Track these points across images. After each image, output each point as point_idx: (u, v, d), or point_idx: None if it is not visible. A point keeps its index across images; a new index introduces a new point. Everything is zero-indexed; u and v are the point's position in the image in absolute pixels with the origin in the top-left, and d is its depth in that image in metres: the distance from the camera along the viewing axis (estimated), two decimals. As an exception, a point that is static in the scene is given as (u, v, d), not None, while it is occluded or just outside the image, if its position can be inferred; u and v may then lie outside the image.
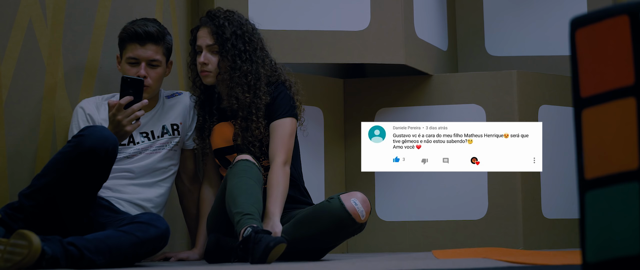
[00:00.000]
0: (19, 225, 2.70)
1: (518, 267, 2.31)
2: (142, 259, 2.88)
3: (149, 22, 3.09)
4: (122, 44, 3.08)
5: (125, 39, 3.07)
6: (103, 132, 2.70)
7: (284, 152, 3.11)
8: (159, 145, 3.12)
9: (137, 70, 3.04)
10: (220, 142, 3.21)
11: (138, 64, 3.05)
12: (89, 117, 3.03)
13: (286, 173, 3.09)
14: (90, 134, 2.67)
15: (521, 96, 3.88)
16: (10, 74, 2.97)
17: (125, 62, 3.07)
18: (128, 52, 3.06)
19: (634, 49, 1.51)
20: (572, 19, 1.61)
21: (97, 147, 2.65)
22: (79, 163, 2.66)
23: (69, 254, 2.59)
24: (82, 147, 2.65)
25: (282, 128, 3.14)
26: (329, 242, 3.03)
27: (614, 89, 1.54)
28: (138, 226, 2.76)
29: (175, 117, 3.18)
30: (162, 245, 2.83)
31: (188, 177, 3.30)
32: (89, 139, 2.66)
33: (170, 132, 3.16)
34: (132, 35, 3.05)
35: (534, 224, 3.86)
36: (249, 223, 2.75)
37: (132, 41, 3.05)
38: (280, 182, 3.05)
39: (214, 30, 3.16)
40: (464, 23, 4.39)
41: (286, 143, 3.12)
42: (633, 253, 1.49)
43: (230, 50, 3.14)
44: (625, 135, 1.51)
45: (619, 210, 1.52)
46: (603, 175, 1.55)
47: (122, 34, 3.08)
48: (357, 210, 2.93)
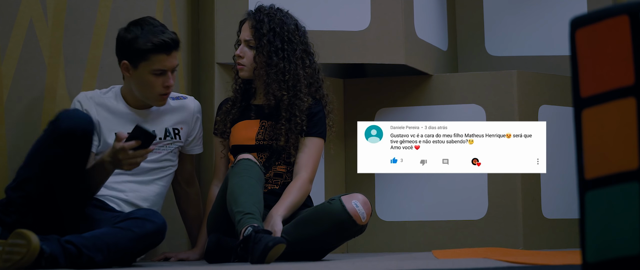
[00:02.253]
0: (12, 218, 2.69)
1: (518, 267, 2.31)
2: (141, 255, 2.87)
3: (162, 26, 3.00)
4: (144, 56, 2.94)
5: (151, 51, 2.94)
6: (77, 113, 2.74)
7: (312, 169, 3.14)
8: (159, 146, 3.10)
9: (164, 80, 2.98)
10: (242, 139, 3.20)
11: (164, 74, 2.98)
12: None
13: (307, 190, 3.12)
14: (64, 117, 2.69)
15: (521, 96, 3.88)
16: (11, 73, 2.97)
17: (149, 73, 2.97)
18: (154, 64, 2.95)
19: (634, 49, 1.51)
20: (572, 19, 1.61)
21: (73, 127, 2.67)
22: (58, 146, 2.66)
23: (68, 252, 2.60)
24: (58, 130, 2.67)
25: (315, 146, 3.17)
26: (329, 243, 3.03)
27: (614, 89, 1.54)
28: (134, 222, 2.76)
29: (176, 121, 3.15)
30: (159, 239, 2.82)
31: (184, 179, 3.29)
32: (64, 122, 2.68)
33: (172, 135, 3.13)
34: (160, 47, 2.94)
35: (534, 224, 3.86)
36: (249, 222, 2.75)
37: (160, 52, 2.95)
38: (297, 194, 3.06)
39: (253, 25, 3.18)
40: (464, 23, 4.39)
41: (315, 161, 3.16)
42: (633, 253, 1.49)
43: (266, 46, 3.15)
44: (625, 135, 1.51)
45: (619, 210, 1.52)
46: (603, 175, 1.55)
47: (145, 45, 2.93)
48: (358, 212, 2.93)
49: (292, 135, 3.13)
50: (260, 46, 3.16)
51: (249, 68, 3.19)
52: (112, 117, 3.04)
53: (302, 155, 3.14)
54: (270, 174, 3.17)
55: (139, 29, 2.97)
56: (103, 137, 3.02)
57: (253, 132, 3.19)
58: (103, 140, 3.01)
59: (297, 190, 3.07)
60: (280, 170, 3.18)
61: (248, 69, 3.19)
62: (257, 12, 3.21)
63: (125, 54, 2.98)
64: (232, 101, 3.26)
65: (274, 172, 3.18)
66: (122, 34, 3.00)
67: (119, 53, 3.02)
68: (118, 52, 3.02)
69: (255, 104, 3.25)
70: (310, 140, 3.16)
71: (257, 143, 3.17)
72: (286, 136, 3.13)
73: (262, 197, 2.93)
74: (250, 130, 3.19)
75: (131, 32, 2.97)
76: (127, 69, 2.99)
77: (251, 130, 3.19)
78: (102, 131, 3.01)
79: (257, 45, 3.17)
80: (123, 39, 2.98)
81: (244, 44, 3.19)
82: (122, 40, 2.99)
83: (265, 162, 3.16)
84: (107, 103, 3.05)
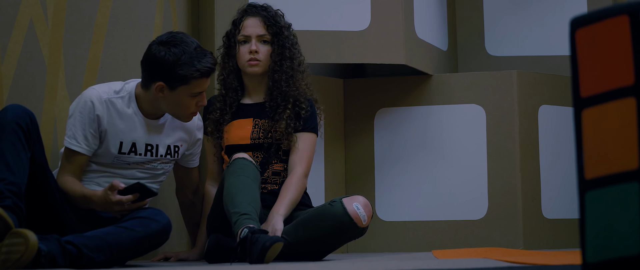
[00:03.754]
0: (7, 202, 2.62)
1: (518, 267, 2.31)
2: (144, 254, 2.86)
3: (198, 46, 2.89)
4: (186, 81, 2.85)
5: (194, 77, 2.84)
6: (20, 107, 2.70)
7: (307, 164, 3.14)
8: (157, 163, 3.05)
9: (199, 100, 2.91)
10: (236, 138, 3.19)
11: (200, 94, 2.92)
12: (96, 119, 2.91)
13: (303, 185, 3.12)
14: (6, 112, 2.67)
15: (521, 96, 3.88)
16: (11, 73, 2.97)
17: (188, 96, 2.88)
18: (194, 88, 2.86)
19: (634, 49, 1.51)
20: (572, 19, 1.61)
21: (18, 121, 2.65)
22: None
23: (67, 251, 2.59)
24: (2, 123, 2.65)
25: (308, 141, 3.17)
26: (329, 244, 3.03)
27: (614, 89, 1.54)
28: (139, 221, 2.76)
29: (179, 139, 3.07)
30: (163, 239, 2.81)
31: (191, 190, 3.27)
32: (8, 114, 2.65)
33: (171, 153, 3.06)
34: (205, 73, 2.87)
35: (534, 224, 3.86)
36: (245, 223, 2.75)
37: (203, 78, 2.88)
38: (295, 191, 3.06)
39: (267, 20, 3.17)
40: (464, 23, 4.39)
41: (309, 156, 3.16)
42: (633, 253, 1.49)
43: (283, 41, 3.16)
44: (625, 135, 1.51)
45: (619, 210, 1.52)
46: (603, 175, 1.55)
47: (189, 72, 2.83)
48: (359, 215, 2.93)
49: (291, 123, 3.13)
50: (280, 40, 3.16)
51: (264, 64, 3.17)
52: (121, 125, 2.95)
53: (295, 151, 3.14)
54: (268, 173, 3.17)
55: (179, 50, 2.84)
56: (106, 142, 2.94)
57: (247, 132, 3.18)
58: (105, 145, 2.95)
59: (294, 186, 3.07)
60: (278, 168, 3.18)
61: (263, 64, 3.17)
62: (264, 8, 3.21)
63: (162, 76, 2.86)
64: (221, 100, 3.23)
65: (272, 171, 3.18)
66: (159, 54, 2.85)
67: (153, 72, 2.88)
68: (152, 71, 2.89)
69: (245, 102, 3.23)
70: (304, 136, 3.16)
71: (252, 142, 3.17)
72: (286, 122, 3.12)
73: (259, 195, 2.93)
74: (243, 130, 3.19)
75: (171, 54, 2.84)
76: (161, 90, 2.87)
77: (245, 129, 3.19)
78: (107, 137, 2.94)
79: (275, 40, 3.16)
80: (161, 60, 2.84)
81: (257, 39, 3.17)
82: (161, 61, 2.84)
83: (262, 160, 3.16)
84: (119, 107, 2.95)
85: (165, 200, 3.26)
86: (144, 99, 2.96)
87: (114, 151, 2.94)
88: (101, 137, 2.93)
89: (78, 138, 2.89)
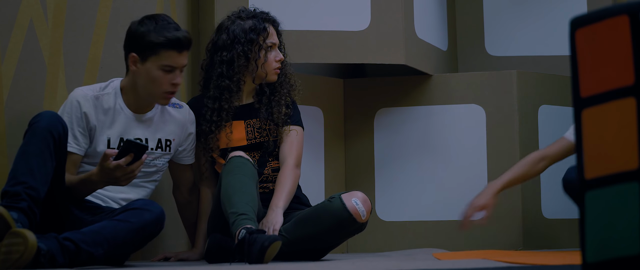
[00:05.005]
0: (23, 204, 2.64)
1: (518, 267, 2.32)
2: (142, 246, 2.86)
3: (175, 24, 2.95)
4: (155, 50, 2.89)
5: (162, 45, 2.89)
6: (55, 116, 2.74)
7: (297, 155, 3.17)
8: (148, 158, 3.04)
9: (172, 78, 2.92)
10: (232, 141, 3.19)
11: (172, 71, 2.92)
12: (84, 117, 2.94)
13: (297, 175, 3.15)
14: (41, 118, 2.71)
15: (521, 96, 3.88)
16: (11, 73, 2.97)
17: (158, 68, 2.91)
18: (163, 59, 2.90)
19: (634, 49, 1.51)
20: (572, 19, 1.61)
21: (51, 129, 2.69)
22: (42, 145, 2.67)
23: (66, 248, 2.60)
24: (38, 131, 2.68)
25: (296, 133, 3.22)
26: (329, 241, 3.04)
27: (614, 89, 1.54)
28: (132, 213, 2.76)
29: (170, 132, 3.08)
30: (158, 229, 2.81)
31: (187, 189, 3.27)
32: (43, 121, 2.69)
33: (162, 147, 3.07)
34: (172, 42, 2.89)
35: (534, 224, 3.86)
36: (243, 224, 2.76)
37: (170, 48, 2.90)
38: (289, 181, 3.09)
39: (277, 29, 3.27)
40: (464, 23, 4.39)
41: (299, 147, 3.20)
42: (633, 253, 1.49)
43: (283, 49, 3.30)
44: (625, 135, 1.51)
45: (619, 210, 1.52)
46: (603, 175, 1.55)
47: (157, 39, 2.89)
48: (358, 210, 2.94)
49: (283, 111, 3.21)
50: (284, 47, 3.30)
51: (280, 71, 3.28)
52: (108, 121, 2.97)
53: (285, 144, 3.19)
54: (268, 171, 3.18)
55: (153, 23, 2.92)
56: (95, 139, 2.96)
57: (242, 133, 3.20)
58: (94, 144, 2.96)
59: (288, 177, 3.10)
60: (276, 165, 3.19)
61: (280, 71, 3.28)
62: (270, 16, 3.26)
63: (134, 47, 2.93)
64: (211, 104, 3.20)
65: (271, 169, 3.19)
66: (134, 26, 2.94)
67: (127, 45, 2.96)
68: (127, 44, 2.96)
69: (237, 104, 3.22)
70: (293, 128, 3.22)
71: (249, 142, 3.18)
72: (277, 109, 3.21)
73: (256, 193, 2.94)
74: (238, 132, 3.20)
75: (144, 25, 2.92)
76: (134, 61, 2.93)
77: (238, 131, 3.20)
78: (95, 134, 2.96)
79: (282, 47, 3.29)
80: (134, 32, 2.93)
81: (276, 47, 3.24)
82: (134, 32, 2.93)
83: (260, 159, 3.18)
84: (105, 103, 2.98)
85: (161, 202, 3.26)
86: (128, 88, 2.99)
87: (103, 148, 2.94)
88: (90, 134, 2.95)
89: (68, 138, 2.90)
